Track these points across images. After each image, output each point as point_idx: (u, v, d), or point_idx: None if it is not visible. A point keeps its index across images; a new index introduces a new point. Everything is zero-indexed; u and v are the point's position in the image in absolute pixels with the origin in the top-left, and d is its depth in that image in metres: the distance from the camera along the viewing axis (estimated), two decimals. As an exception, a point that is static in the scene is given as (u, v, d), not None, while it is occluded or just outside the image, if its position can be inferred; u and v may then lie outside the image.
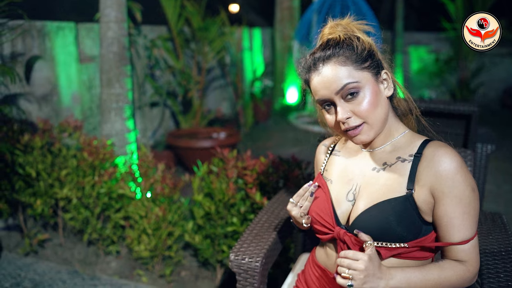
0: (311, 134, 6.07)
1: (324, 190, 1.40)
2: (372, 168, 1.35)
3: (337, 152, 1.47)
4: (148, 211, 2.72)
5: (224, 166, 2.66)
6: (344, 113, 1.24)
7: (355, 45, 1.26)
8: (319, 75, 1.26)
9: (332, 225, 1.35)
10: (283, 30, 6.73)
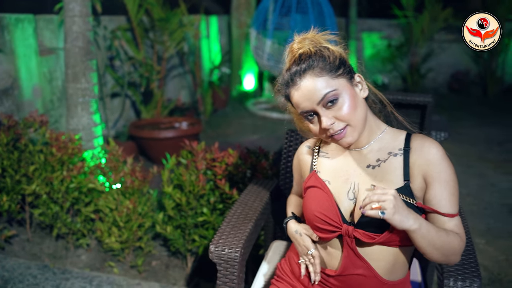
0: (269, 120, 6.19)
1: (324, 190, 1.46)
2: (367, 165, 1.44)
3: (325, 153, 1.54)
4: (118, 204, 2.76)
5: (193, 158, 2.73)
6: (328, 121, 1.34)
7: (326, 55, 1.36)
8: (299, 89, 1.35)
9: (339, 223, 1.41)
10: (239, 18, 6.77)
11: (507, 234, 3.32)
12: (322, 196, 1.44)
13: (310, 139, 1.62)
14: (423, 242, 1.29)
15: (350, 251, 1.43)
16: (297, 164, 1.67)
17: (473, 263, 1.67)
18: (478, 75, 7.91)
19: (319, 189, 1.46)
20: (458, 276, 1.60)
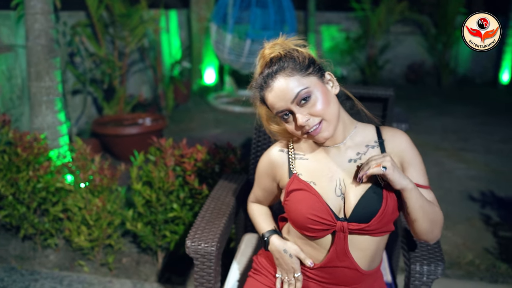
0: (231, 114, 6.22)
1: (312, 192, 1.48)
2: (348, 160, 1.50)
3: (301, 155, 1.55)
4: (87, 202, 2.75)
5: (161, 155, 2.75)
6: (303, 118, 1.39)
7: (296, 56, 1.42)
8: (272, 90, 1.40)
9: (332, 221, 1.46)
10: (199, 12, 6.75)
11: (465, 219, 3.48)
12: (310, 198, 1.47)
13: (278, 143, 1.61)
14: (417, 204, 1.40)
15: (339, 246, 1.48)
16: (268, 169, 1.62)
17: (436, 248, 1.77)
18: (433, 66, 8.16)
19: (306, 191, 1.48)
20: (423, 261, 1.69)
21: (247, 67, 6.28)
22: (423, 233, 1.47)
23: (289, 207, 1.51)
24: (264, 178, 1.66)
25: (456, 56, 8.22)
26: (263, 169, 1.64)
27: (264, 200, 1.77)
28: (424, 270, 1.68)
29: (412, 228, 1.48)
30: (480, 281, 2.79)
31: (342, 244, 1.48)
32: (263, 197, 1.75)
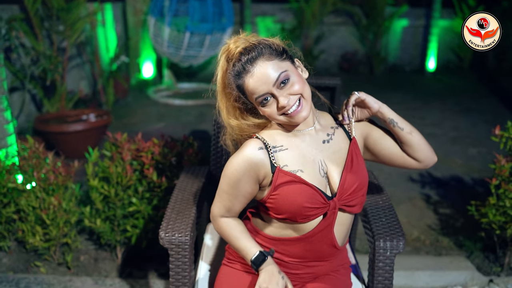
0: (172, 107, 6.20)
1: (301, 181, 1.53)
2: (322, 141, 1.62)
3: (280, 147, 1.58)
4: (41, 202, 2.69)
5: (118, 150, 2.74)
6: (284, 99, 1.47)
7: (271, 43, 1.51)
8: (253, 75, 1.47)
9: (326, 203, 1.56)
10: (135, 5, 6.64)
11: (407, 199, 3.70)
12: (302, 187, 1.53)
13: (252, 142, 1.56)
14: (400, 118, 1.63)
15: (327, 222, 1.59)
16: (250, 171, 1.55)
17: (396, 225, 1.90)
18: (365, 55, 8.47)
19: (295, 182, 1.53)
20: (386, 237, 1.82)
21: (186, 60, 6.27)
22: (423, 154, 1.64)
23: (279, 200, 1.54)
24: (245, 183, 1.56)
25: (386, 46, 8.57)
26: (242, 174, 1.54)
27: (238, 209, 1.66)
28: (387, 246, 1.81)
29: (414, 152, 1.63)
30: (426, 255, 2.99)
31: (330, 221, 1.59)
32: (239, 206, 1.65)
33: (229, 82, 1.53)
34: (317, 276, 1.68)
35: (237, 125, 1.62)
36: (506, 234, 2.71)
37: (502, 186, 2.67)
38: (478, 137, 5.19)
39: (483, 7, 8.62)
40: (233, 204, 1.63)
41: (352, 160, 1.61)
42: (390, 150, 1.66)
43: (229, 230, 1.67)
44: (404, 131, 1.61)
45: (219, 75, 1.59)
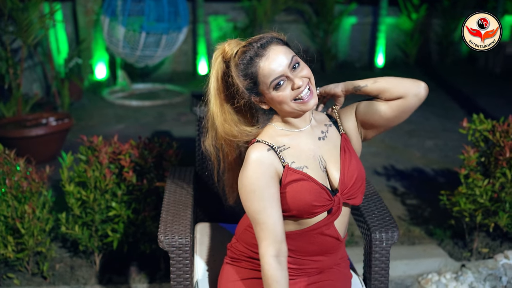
0: (129, 108, 6.08)
1: (309, 179, 1.56)
2: (318, 138, 1.66)
3: (283, 146, 1.60)
4: (13, 210, 2.59)
5: (95, 154, 2.67)
6: (299, 80, 1.51)
7: (276, 35, 1.57)
8: (268, 57, 1.50)
9: (330, 199, 1.59)
10: (86, 4, 6.45)
11: (375, 191, 3.80)
12: (310, 185, 1.55)
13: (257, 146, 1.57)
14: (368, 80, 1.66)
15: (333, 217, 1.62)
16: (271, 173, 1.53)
17: (388, 217, 1.97)
18: (316, 52, 8.61)
19: (304, 180, 1.55)
20: (381, 229, 1.89)
21: (142, 60, 6.17)
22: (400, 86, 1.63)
23: (288, 198, 1.54)
24: (269, 188, 1.51)
25: (336, 43, 8.74)
26: (262, 178, 1.51)
27: (280, 223, 1.53)
28: (383, 237, 1.87)
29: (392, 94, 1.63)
30: (401, 245, 3.10)
31: (336, 216, 1.62)
32: (278, 216, 1.52)
33: (238, 74, 1.53)
34: (322, 270, 1.71)
35: (230, 131, 1.62)
36: (476, 220, 2.85)
37: (471, 175, 2.80)
38: (433, 129, 5.40)
39: (427, 5, 8.97)
40: (273, 218, 1.50)
41: (346, 154, 1.65)
42: (379, 110, 1.66)
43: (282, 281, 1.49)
44: (369, 85, 1.65)
45: (213, 80, 1.60)
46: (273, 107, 1.61)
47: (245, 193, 1.52)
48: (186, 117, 5.71)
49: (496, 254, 2.91)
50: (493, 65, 9.18)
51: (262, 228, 1.50)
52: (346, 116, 1.73)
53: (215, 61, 1.61)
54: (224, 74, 1.60)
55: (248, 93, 1.57)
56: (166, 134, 5.03)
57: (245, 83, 1.55)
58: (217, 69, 1.60)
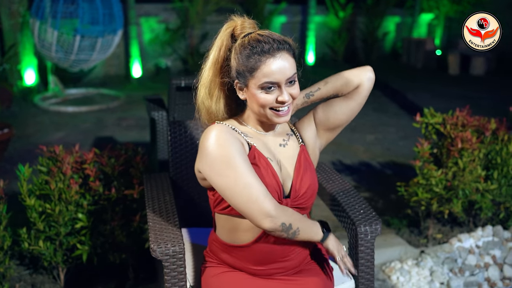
0: (65, 115, 5.85)
1: (269, 166, 1.60)
2: (279, 144, 1.70)
3: (250, 138, 1.64)
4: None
5: (58, 164, 2.56)
6: (287, 96, 1.55)
7: (294, 46, 1.58)
8: (276, 61, 1.51)
9: (280, 198, 1.60)
10: (10, 7, 6.11)
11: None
12: (268, 173, 1.59)
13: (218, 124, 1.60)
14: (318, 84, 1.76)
15: None
16: (240, 144, 1.57)
17: (369, 210, 2.05)
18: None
19: (266, 166, 1.59)
20: (365, 222, 1.96)
21: (77, 64, 5.95)
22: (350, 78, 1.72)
23: None
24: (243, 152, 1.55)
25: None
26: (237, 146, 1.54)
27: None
28: (367, 231, 1.95)
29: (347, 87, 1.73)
30: (362, 237, 3.21)
31: None
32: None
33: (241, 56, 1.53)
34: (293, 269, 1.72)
35: (209, 104, 1.64)
36: (432, 209, 3.02)
37: (426, 166, 2.96)
38: (372, 124, 5.63)
39: (353, 4, 9.32)
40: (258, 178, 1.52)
41: (301, 165, 1.68)
42: (340, 106, 1.74)
43: (294, 212, 1.58)
44: (322, 88, 1.74)
45: (215, 49, 1.61)
46: (248, 102, 1.62)
47: (216, 169, 1.52)
48: (126, 122, 5.59)
49: (450, 239, 3.10)
50: (415, 61, 9.70)
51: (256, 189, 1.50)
52: (304, 127, 1.79)
53: (223, 32, 1.61)
54: (225, 47, 1.60)
55: (236, 76, 1.58)
56: (109, 140, 4.91)
57: (240, 66, 1.55)
58: (223, 40, 1.60)
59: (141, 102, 6.37)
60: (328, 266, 1.84)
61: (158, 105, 3.26)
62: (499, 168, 3.03)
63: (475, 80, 8.63)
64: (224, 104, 1.67)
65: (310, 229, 1.61)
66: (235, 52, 1.56)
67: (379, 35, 9.91)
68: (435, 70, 9.34)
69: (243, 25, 1.59)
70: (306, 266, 1.77)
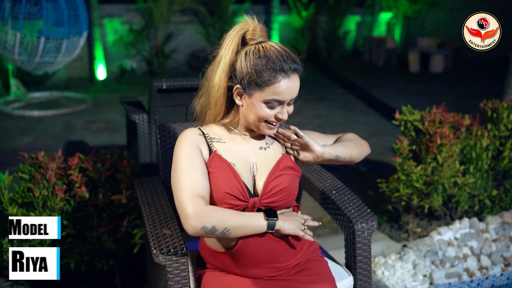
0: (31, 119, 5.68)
1: (230, 169, 1.62)
2: (259, 147, 1.72)
3: (218, 139, 1.68)
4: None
5: (41, 171, 2.49)
6: (286, 115, 1.60)
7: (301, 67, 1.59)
8: (289, 82, 1.55)
9: (245, 198, 1.62)
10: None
11: (306, 185, 3.96)
12: (229, 175, 1.61)
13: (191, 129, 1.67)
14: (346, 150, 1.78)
15: None
16: (197, 148, 1.62)
17: (363, 208, 2.09)
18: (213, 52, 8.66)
19: (226, 170, 1.61)
20: (361, 220, 2.00)
21: (41, 67, 5.79)
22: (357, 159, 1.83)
23: (211, 182, 1.60)
24: (196, 157, 1.59)
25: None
26: (191, 150, 1.59)
27: (206, 189, 1.57)
28: (364, 227, 1.99)
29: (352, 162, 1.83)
30: (345, 234, 3.27)
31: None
32: (204, 183, 1.57)
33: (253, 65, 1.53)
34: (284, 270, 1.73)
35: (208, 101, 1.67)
36: (413, 204, 3.10)
37: (406, 162, 3.04)
38: (340, 122, 5.72)
39: (315, 3, 9.42)
40: (199, 180, 1.55)
41: (278, 168, 1.69)
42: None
43: (221, 211, 1.55)
44: (343, 156, 1.78)
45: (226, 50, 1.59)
46: (243, 109, 1.63)
47: (175, 158, 1.59)
48: (95, 125, 5.48)
49: (430, 232, 3.19)
50: (376, 59, 9.91)
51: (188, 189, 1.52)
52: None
53: (236, 33, 1.59)
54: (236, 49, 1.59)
55: (240, 82, 1.58)
56: (79, 144, 4.81)
57: (249, 75, 1.55)
58: (235, 42, 1.59)
59: (109, 105, 6.27)
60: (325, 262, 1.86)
61: (137, 107, 3.22)
62: (474, 162, 3.14)
63: (435, 77, 8.89)
64: (223, 106, 1.67)
65: (245, 225, 1.56)
66: (245, 58, 1.56)
67: (341, 34, 10.08)
68: (397, 68, 9.58)
69: (254, 30, 1.59)
70: (306, 265, 1.78)
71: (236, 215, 1.56)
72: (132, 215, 2.60)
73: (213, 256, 1.74)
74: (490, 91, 7.36)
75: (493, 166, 3.30)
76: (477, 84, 8.10)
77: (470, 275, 2.98)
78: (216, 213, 1.52)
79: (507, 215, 3.33)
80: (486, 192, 3.26)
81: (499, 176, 3.39)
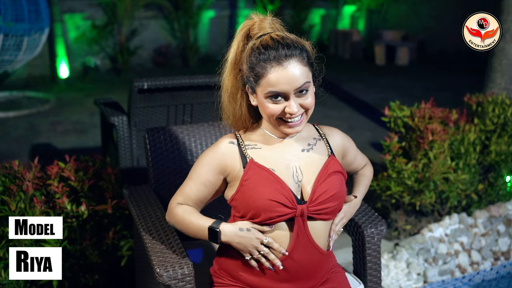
0: (5, 120, 5.36)
1: (273, 176, 1.50)
2: (301, 150, 1.58)
3: (253, 145, 1.57)
4: None
5: (17, 182, 2.30)
6: (296, 107, 1.44)
7: (309, 49, 1.47)
8: (282, 70, 1.40)
9: (293, 205, 1.49)
10: None
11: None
12: (272, 181, 1.49)
13: (226, 137, 1.60)
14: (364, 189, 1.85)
15: (301, 231, 1.53)
16: (216, 160, 1.57)
17: (370, 212, 2.00)
18: (178, 48, 8.45)
19: (266, 175, 1.50)
20: (370, 225, 1.92)
21: (1, 66, 5.48)
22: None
23: (245, 193, 1.50)
24: (207, 170, 1.57)
25: (197, 37, 8.68)
26: (209, 161, 1.57)
27: (196, 200, 1.62)
28: (374, 233, 1.90)
29: None
30: (336, 234, 3.18)
31: (302, 229, 1.53)
32: (197, 196, 1.61)
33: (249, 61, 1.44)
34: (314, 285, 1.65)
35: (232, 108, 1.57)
36: (404, 201, 3.04)
37: (397, 159, 2.97)
38: (314, 117, 5.61)
39: (279, 0, 9.33)
40: (190, 189, 1.61)
41: (327, 172, 1.58)
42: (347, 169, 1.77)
43: (182, 214, 1.61)
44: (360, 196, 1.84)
45: (232, 51, 1.51)
46: (259, 109, 1.52)
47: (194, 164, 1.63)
48: (62, 126, 5.23)
49: (421, 229, 3.14)
50: (342, 52, 9.90)
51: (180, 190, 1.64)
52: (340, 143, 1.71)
53: (239, 32, 1.51)
54: (240, 48, 1.50)
55: (246, 81, 1.49)
56: (46, 148, 4.57)
57: (247, 71, 1.46)
58: (238, 41, 1.50)
59: (74, 104, 6.01)
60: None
61: (115, 109, 3.03)
62: (463, 157, 3.11)
63: (401, 69, 8.96)
64: (248, 108, 1.57)
65: (195, 234, 1.60)
66: (245, 56, 1.46)
67: (306, 27, 10.02)
68: (363, 61, 9.60)
69: (261, 24, 1.48)
70: (330, 275, 1.70)
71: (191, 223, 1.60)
72: (118, 225, 2.43)
73: (246, 270, 1.59)
74: (457, 83, 7.49)
75: (481, 161, 3.28)
76: (442, 77, 8.19)
77: (462, 271, 2.96)
78: (177, 216, 1.63)
79: (493, 209, 3.33)
80: (473, 186, 3.24)
81: (483, 171, 3.38)
